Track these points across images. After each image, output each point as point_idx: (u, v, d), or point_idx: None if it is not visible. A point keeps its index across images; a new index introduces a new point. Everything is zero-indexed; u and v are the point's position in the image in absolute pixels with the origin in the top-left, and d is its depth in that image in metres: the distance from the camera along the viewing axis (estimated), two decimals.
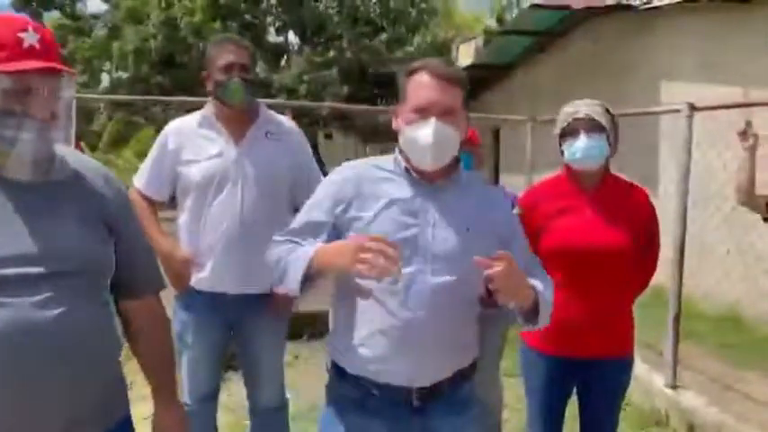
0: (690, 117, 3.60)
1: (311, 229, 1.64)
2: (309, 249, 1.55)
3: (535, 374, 2.42)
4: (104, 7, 14.78)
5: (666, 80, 6.70)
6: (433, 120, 1.58)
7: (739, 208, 2.93)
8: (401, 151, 1.68)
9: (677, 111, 3.70)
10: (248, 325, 2.43)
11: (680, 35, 6.56)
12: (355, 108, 8.23)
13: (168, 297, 1.86)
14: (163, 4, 11.49)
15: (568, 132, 2.25)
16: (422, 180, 1.65)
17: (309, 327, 4.56)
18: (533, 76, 10.23)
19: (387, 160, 1.72)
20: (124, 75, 12.77)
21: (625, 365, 2.38)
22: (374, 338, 1.59)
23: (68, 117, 1.41)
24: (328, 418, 1.70)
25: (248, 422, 2.73)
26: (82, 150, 2.90)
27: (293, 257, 1.57)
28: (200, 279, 2.39)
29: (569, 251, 2.26)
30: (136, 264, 1.51)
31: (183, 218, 2.44)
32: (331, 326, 1.73)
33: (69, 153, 1.45)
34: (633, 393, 3.79)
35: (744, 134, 2.73)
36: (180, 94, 10.77)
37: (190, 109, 2.71)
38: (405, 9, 13.60)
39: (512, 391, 3.33)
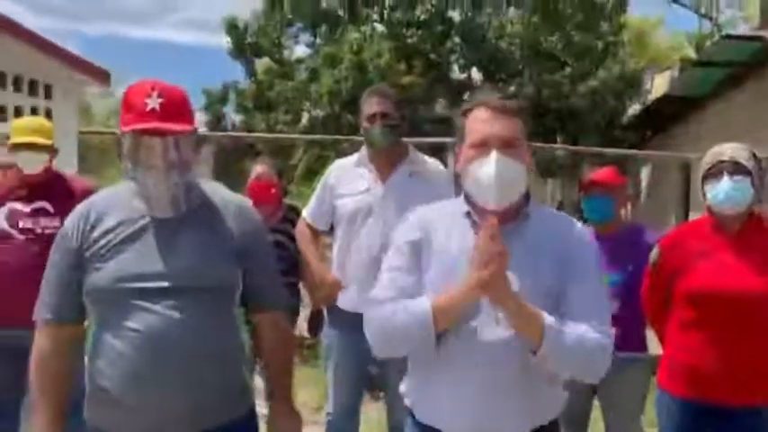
0: None
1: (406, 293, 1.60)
2: (422, 307, 1.52)
3: (667, 417, 2.40)
4: (308, 52, 16.35)
5: None
6: (493, 153, 1.52)
7: None
8: (466, 197, 1.63)
9: None
10: None
11: None
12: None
13: None
14: (354, 48, 12.53)
15: (712, 174, 2.25)
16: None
17: None
18: (726, 111, 9.51)
19: (453, 203, 1.70)
20: (320, 114, 14.01)
21: (765, 417, 2.27)
22: (440, 391, 1.57)
23: (196, 162, 1.70)
24: None
25: None
26: (285, 186, 3.40)
27: (407, 317, 1.53)
28: (346, 300, 2.71)
29: (706, 294, 2.24)
30: (262, 284, 1.76)
31: (335, 245, 2.80)
32: (408, 370, 1.73)
33: (210, 188, 1.76)
34: None
35: None
36: None
37: None
38: (590, 43, 13.33)
39: None
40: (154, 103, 1.56)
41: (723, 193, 2.20)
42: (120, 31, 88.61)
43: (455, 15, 14.71)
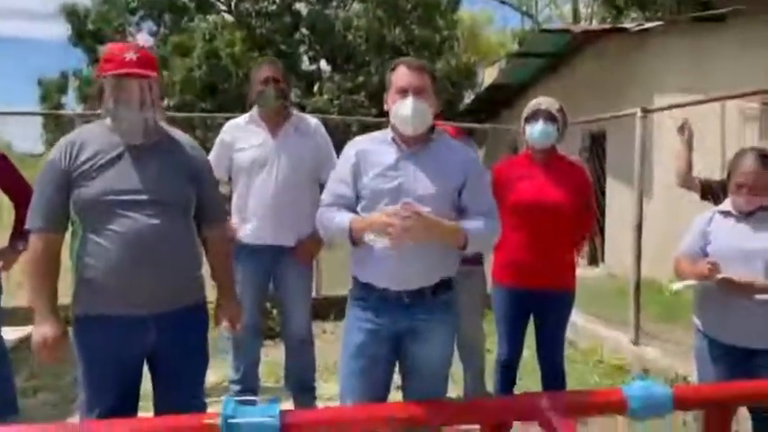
0: (643, 118, 4.36)
1: (343, 201, 2.24)
2: (345, 220, 2.14)
3: (499, 303, 3.19)
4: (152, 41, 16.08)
5: (658, 94, 7.40)
6: (410, 97, 2.15)
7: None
8: (391, 126, 2.27)
9: (633, 114, 4.45)
10: (281, 267, 3.26)
11: (666, 53, 7.31)
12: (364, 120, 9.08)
13: None
14: (207, 38, 12.69)
15: (531, 118, 3.08)
16: (405, 145, 2.23)
17: (335, 308, 5.29)
18: (546, 94, 10.91)
19: (382, 133, 2.33)
20: (171, 102, 13.96)
21: (567, 296, 3.13)
22: (374, 257, 2.16)
23: (160, 104, 2.00)
24: (348, 312, 2.32)
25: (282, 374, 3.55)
26: None
27: (336, 225, 2.18)
28: (246, 235, 3.23)
29: (524, 204, 3.04)
30: (210, 204, 2.25)
31: (235, 191, 3.30)
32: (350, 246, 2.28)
33: (168, 127, 2.23)
34: (605, 352, 4.50)
35: (682, 129, 3.41)
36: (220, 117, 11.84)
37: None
38: (429, 37, 14.53)
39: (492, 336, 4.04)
40: (132, 56, 2.03)
41: (538, 132, 3.04)
42: None
43: (302, 8, 15.30)
